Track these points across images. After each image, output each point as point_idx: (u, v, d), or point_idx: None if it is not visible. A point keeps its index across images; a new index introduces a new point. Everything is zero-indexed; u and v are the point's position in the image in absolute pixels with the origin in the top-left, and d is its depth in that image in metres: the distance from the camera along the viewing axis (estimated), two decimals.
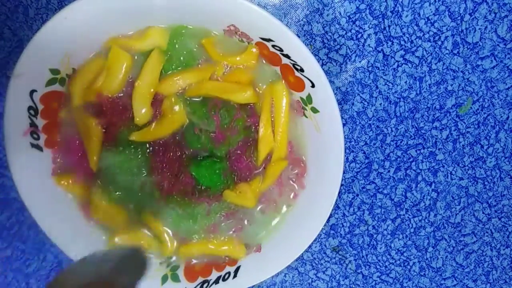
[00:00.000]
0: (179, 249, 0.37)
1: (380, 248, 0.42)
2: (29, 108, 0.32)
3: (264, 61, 0.34)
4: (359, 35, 0.37)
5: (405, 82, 0.38)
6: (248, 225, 0.37)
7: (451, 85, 0.38)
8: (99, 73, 0.34)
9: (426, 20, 0.37)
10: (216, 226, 0.37)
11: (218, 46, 0.33)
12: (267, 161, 0.36)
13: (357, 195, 0.41)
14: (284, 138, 0.35)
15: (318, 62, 0.29)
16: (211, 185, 0.36)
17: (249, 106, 0.35)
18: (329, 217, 0.38)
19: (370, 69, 0.38)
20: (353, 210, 0.41)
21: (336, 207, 0.41)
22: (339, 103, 0.39)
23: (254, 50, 0.33)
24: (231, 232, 0.37)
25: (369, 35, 0.37)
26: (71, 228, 0.36)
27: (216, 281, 0.36)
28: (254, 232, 0.37)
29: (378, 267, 0.42)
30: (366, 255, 0.42)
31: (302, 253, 0.35)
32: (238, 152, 0.36)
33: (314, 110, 0.32)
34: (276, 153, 0.35)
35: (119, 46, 0.33)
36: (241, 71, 0.34)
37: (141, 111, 0.34)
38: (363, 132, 0.40)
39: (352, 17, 0.37)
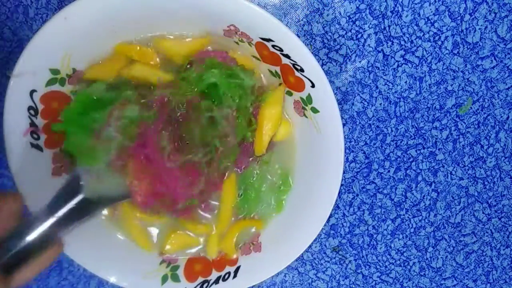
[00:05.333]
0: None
1: (380, 248, 0.42)
2: (29, 108, 0.32)
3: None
4: (359, 35, 0.37)
5: (405, 82, 0.38)
6: None
7: (451, 85, 0.38)
8: None
9: (426, 20, 0.37)
10: None
11: None
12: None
13: (357, 195, 0.41)
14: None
15: (318, 62, 0.29)
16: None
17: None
18: (329, 217, 0.38)
19: (370, 69, 0.38)
20: (353, 210, 0.41)
21: (336, 207, 0.41)
22: (339, 103, 0.39)
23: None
24: None
25: (369, 35, 0.37)
26: None
27: (216, 281, 0.36)
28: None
29: (378, 267, 0.42)
30: (366, 255, 0.42)
31: (302, 253, 0.35)
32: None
33: (314, 110, 0.32)
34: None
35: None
36: None
37: None
38: (363, 132, 0.40)
39: (352, 17, 0.37)
